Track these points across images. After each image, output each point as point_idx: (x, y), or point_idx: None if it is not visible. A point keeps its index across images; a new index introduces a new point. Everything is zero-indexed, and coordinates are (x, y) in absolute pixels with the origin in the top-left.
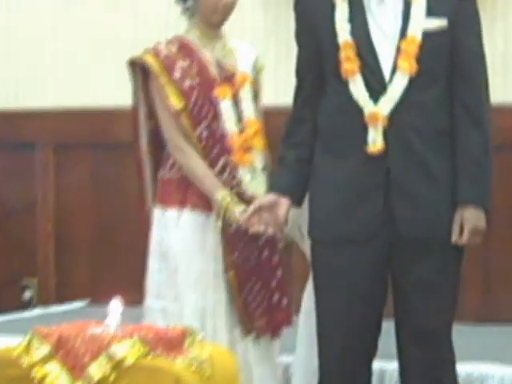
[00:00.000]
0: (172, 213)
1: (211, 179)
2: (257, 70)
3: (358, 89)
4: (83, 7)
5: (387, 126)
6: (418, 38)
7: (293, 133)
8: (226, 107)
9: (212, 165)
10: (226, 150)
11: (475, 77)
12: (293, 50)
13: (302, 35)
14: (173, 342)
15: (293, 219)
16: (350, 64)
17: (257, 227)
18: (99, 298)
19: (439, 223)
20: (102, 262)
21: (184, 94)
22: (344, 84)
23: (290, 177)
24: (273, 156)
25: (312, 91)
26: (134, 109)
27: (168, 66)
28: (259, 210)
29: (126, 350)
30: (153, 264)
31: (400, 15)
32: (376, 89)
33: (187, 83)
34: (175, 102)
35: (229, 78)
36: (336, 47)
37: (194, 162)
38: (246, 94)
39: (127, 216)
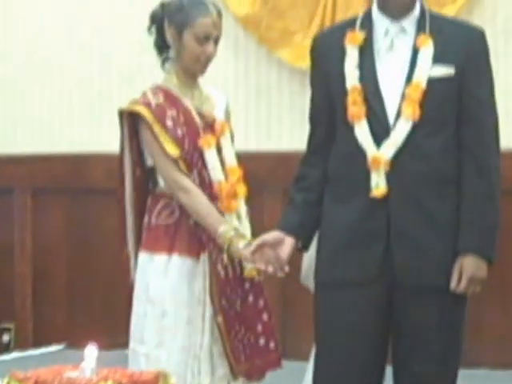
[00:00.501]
0: (160, 258)
1: (215, 215)
2: (228, 115)
3: (362, 133)
4: (56, 55)
5: (390, 171)
6: (423, 84)
7: (303, 177)
8: (211, 156)
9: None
10: (213, 197)
11: (482, 125)
12: (261, 98)
13: (315, 80)
14: None
15: (309, 266)
16: (355, 108)
17: (258, 264)
18: (76, 341)
19: (439, 271)
20: (79, 306)
21: (178, 142)
22: (350, 129)
23: (296, 218)
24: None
25: (323, 138)
26: (121, 157)
27: (159, 116)
28: (263, 245)
29: None
30: (138, 308)
31: (408, 62)
32: (380, 133)
33: (179, 132)
34: (172, 150)
35: (209, 126)
36: (344, 92)
37: (198, 199)
38: (226, 142)
39: (103, 260)
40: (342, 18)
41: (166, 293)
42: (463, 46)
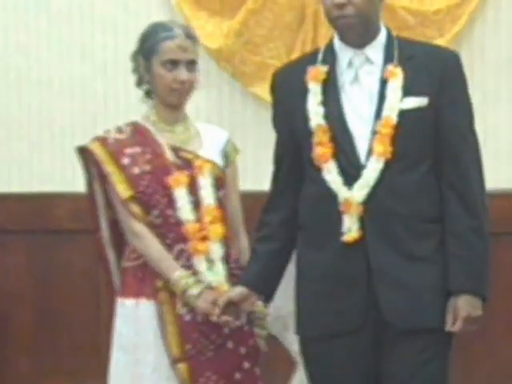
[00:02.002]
0: (130, 303)
1: (168, 261)
2: (228, 154)
3: (331, 175)
4: (16, 91)
5: (364, 213)
6: (394, 119)
7: (264, 224)
8: (180, 195)
9: (167, 251)
10: (181, 238)
11: (462, 157)
12: (236, 136)
13: (277, 121)
14: None
15: (276, 313)
16: (322, 149)
17: (223, 318)
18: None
19: (428, 311)
20: (44, 352)
21: (132, 182)
22: (318, 171)
23: (258, 271)
24: None
25: (287, 180)
26: (91, 198)
27: (116, 153)
28: (229, 304)
29: None
30: (114, 356)
31: (376, 95)
32: (351, 174)
33: (136, 170)
34: (122, 191)
35: (186, 164)
36: (309, 132)
37: (149, 245)
38: (205, 181)
39: (69, 302)
40: None
41: (136, 340)
42: (436, 73)
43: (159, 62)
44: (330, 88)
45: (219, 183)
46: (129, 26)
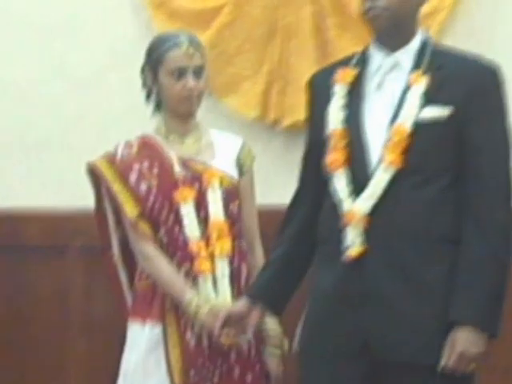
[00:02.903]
0: (136, 326)
1: (178, 284)
2: (242, 162)
3: (340, 184)
4: None
5: (368, 228)
6: (407, 127)
7: (281, 231)
8: (186, 211)
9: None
10: (187, 258)
11: (485, 176)
12: None
13: (308, 123)
14: None
15: None
16: (334, 155)
17: (223, 339)
18: None
19: (427, 346)
20: (11, 376)
21: (140, 199)
22: (331, 179)
23: (265, 281)
24: None
25: (309, 189)
26: (100, 216)
27: (123, 171)
28: (229, 319)
29: None
30: (117, 382)
31: (397, 101)
32: (360, 184)
33: (143, 187)
34: (130, 210)
35: (195, 177)
36: (327, 137)
37: (159, 267)
38: (214, 195)
39: (39, 324)
40: (294, 63)
41: (136, 365)
42: (465, 84)
43: (166, 72)
44: (356, 92)
45: (231, 195)
46: (103, 41)
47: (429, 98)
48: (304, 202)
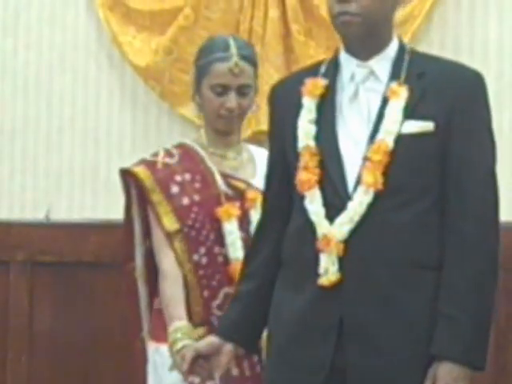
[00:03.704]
0: (151, 348)
1: (173, 309)
2: None
3: (314, 205)
4: None
5: (345, 253)
6: (389, 144)
7: (248, 261)
8: (229, 230)
9: (212, 297)
10: (227, 281)
11: (470, 195)
12: None
13: (270, 138)
14: None
15: None
16: (306, 174)
17: (191, 378)
18: None
19: (406, 378)
20: None
21: (180, 214)
22: (302, 200)
23: (234, 315)
24: None
25: (276, 208)
26: (127, 225)
27: (163, 181)
28: (197, 358)
29: None
30: None
31: (375, 115)
32: (336, 206)
33: (185, 201)
34: (169, 223)
35: (237, 195)
36: (297, 154)
37: (166, 287)
38: (257, 216)
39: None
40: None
41: None
42: (449, 95)
43: (208, 85)
44: (327, 105)
45: None
46: (54, 41)
47: (410, 111)
48: (271, 227)
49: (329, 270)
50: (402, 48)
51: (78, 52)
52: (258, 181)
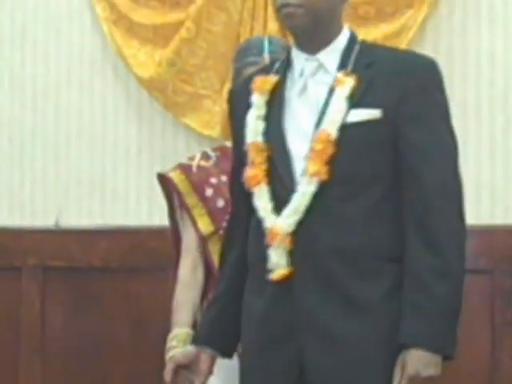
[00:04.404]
0: None
1: (178, 315)
2: None
3: (261, 201)
4: None
5: (295, 246)
6: (332, 133)
7: (221, 263)
8: None
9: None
10: None
11: (424, 182)
12: (167, 168)
13: (232, 138)
14: None
15: None
16: (253, 171)
17: None
18: None
19: (367, 371)
20: None
21: (215, 216)
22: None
23: (210, 320)
24: None
25: (239, 210)
26: (174, 230)
27: (198, 184)
28: (177, 369)
29: None
30: None
31: (321, 105)
32: (283, 200)
33: (220, 203)
34: (203, 226)
35: None
36: (246, 152)
37: (178, 290)
38: None
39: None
40: None
41: None
42: (399, 83)
43: None
44: (277, 100)
45: None
46: (61, 55)
47: (356, 100)
48: (238, 230)
49: (279, 264)
50: (352, 39)
51: (84, 65)
52: None
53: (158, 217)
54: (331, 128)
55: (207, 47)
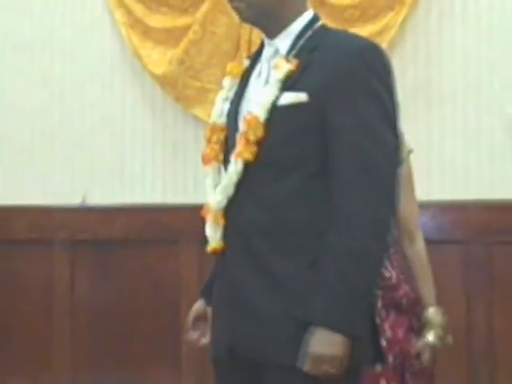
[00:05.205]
0: None
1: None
2: None
3: (208, 178)
4: None
5: (227, 223)
6: (259, 115)
7: None
8: None
9: None
10: None
11: (343, 166)
12: (178, 153)
13: None
14: None
15: None
16: (206, 150)
17: (195, 341)
18: None
19: (283, 346)
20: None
21: None
22: None
23: (210, 278)
24: None
25: None
26: None
27: None
28: (195, 321)
29: None
30: None
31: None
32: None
33: None
34: None
35: None
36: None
37: None
38: None
39: (26, 309)
40: None
41: None
42: (329, 67)
43: None
44: (242, 84)
45: None
46: (84, 56)
47: (290, 84)
48: None
49: (213, 237)
50: (310, 24)
51: (105, 64)
52: None
53: (170, 196)
54: (260, 110)
55: (212, 47)
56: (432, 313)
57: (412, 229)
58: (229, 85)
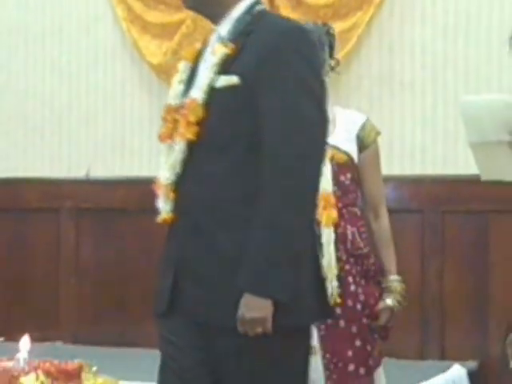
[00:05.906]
0: None
1: None
2: (362, 138)
3: (162, 155)
4: (1, 99)
5: (174, 197)
6: (197, 98)
7: None
8: None
9: None
10: None
11: (267, 143)
12: None
13: None
14: (71, 374)
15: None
16: (161, 129)
17: None
18: (13, 335)
19: (224, 310)
20: (14, 305)
21: None
22: None
23: None
24: None
25: None
26: None
27: None
28: None
29: (32, 381)
30: None
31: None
32: None
33: None
34: None
35: None
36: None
37: None
38: (324, 168)
39: (36, 267)
40: None
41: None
42: (259, 50)
43: None
44: (194, 68)
45: (342, 168)
46: (89, 47)
47: (226, 68)
48: None
49: (162, 209)
50: (250, 9)
51: (108, 54)
52: (333, 137)
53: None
54: (197, 93)
55: (202, 39)
56: (392, 280)
57: (377, 204)
58: (182, 68)
